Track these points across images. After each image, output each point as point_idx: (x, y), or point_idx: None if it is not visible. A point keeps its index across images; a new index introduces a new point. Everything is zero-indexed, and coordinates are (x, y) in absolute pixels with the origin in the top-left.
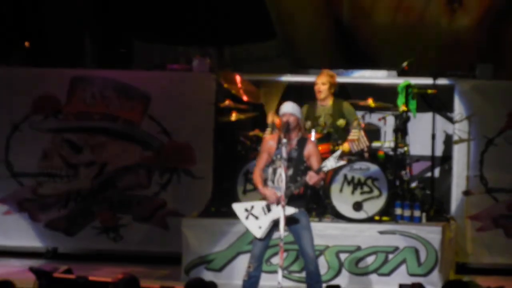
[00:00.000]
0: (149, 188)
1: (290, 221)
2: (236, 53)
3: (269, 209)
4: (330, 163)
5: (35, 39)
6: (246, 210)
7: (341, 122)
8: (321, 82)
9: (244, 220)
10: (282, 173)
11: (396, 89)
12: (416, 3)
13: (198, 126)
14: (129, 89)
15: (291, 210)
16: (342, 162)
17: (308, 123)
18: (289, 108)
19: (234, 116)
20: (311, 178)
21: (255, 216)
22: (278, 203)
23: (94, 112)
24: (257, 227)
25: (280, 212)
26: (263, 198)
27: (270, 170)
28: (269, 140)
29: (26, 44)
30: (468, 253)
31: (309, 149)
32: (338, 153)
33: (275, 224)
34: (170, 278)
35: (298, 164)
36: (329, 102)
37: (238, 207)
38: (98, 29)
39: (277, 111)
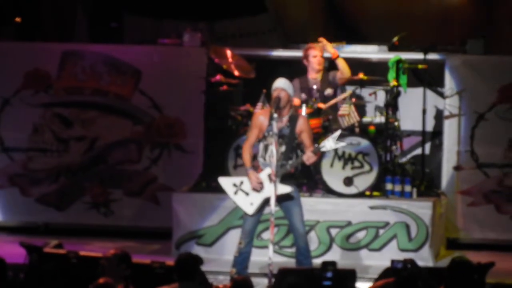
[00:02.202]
0: (140, 162)
1: (284, 198)
2: (227, 28)
3: (261, 187)
4: (329, 144)
5: (26, 14)
6: (235, 185)
7: (328, 91)
8: (320, 54)
9: (233, 195)
10: (273, 150)
11: (387, 64)
12: None
13: (189, 100)
14: (120, 63)
15: (286, 189)
16: (341, 144)
17: (303, 96)
18: (281, 83)
19: (224, 91)
20: (309, 158)
21: (245, 192)
22: (271, 180)
23: (85, 87)
24: (249, 203)
25: (272, 189)
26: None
27: (261, 146)
28: (260, 115)
29: (17, 19)
30: (458, 229)
31: (301, 125)
32: (337, 133)
33: (267, 201)
34: (160, 253)
35: (290, 141)
36: (320, 75)
37: (226, 182)
38: (89, 3)
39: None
